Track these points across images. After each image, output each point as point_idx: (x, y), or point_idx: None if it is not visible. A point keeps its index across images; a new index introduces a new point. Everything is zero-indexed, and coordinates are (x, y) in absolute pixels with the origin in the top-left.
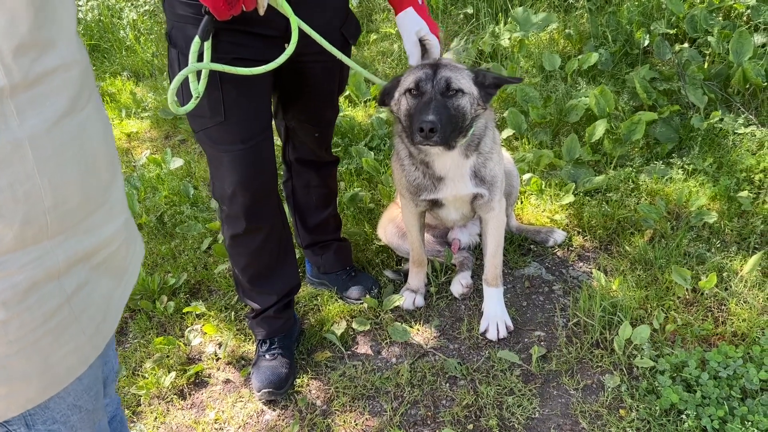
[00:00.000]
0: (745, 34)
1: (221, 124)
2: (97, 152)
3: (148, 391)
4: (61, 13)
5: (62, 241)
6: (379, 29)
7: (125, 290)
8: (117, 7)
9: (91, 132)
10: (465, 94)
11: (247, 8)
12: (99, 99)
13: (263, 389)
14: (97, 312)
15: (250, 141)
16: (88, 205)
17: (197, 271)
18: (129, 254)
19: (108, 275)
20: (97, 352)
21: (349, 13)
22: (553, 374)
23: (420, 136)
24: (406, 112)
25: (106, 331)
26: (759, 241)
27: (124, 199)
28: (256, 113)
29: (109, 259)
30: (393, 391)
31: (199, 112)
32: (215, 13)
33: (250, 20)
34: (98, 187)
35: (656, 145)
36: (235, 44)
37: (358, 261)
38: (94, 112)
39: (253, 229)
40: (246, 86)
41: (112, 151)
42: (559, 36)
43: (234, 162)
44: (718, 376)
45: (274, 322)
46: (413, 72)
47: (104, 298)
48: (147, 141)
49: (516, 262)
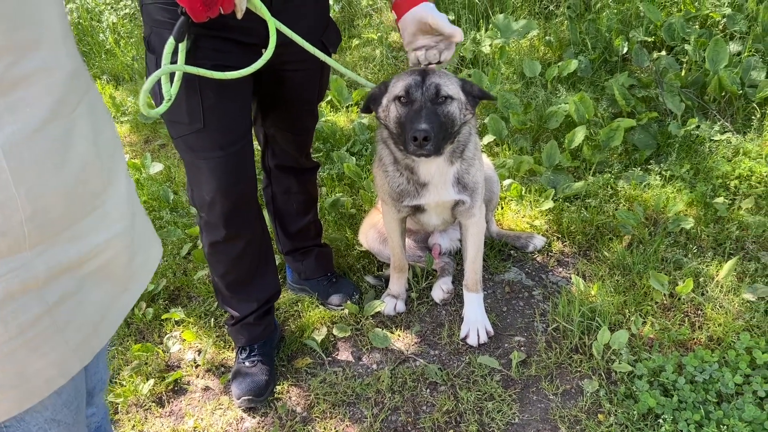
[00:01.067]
0: (721, 43)
1: (200, 131)
2: (86, 158)
3: (126, 399)
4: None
5: (43, 251)
6: (362, 34)
7: (130, 298)
8: (97, 10)
9: (79, 138)
10: (454, 100)
11: (224, 10)
12: (96, 101)
13: (243, 397)
14: (87, 322)
15: (229, 148)
16: (74, 213)
17: (176, 277)
18: (136, 261)
19: (106, 283)
20: (82, 364)
21: (330, 22)
22: (532, 379)
23: (414, 145)
24: (396, 119)
25: (96, 342)
26: (734, 247)
27: (128, 204)
28: (235, 120)
29: (106, 266)
30: (373, 397)
31: (177, 119)
32: (192, 14)
33: (231, 28)
34: (87, 195)
35: (634, 151)
36: (217, 51)
37: (339, 266)
38: (85, 116)
39: (232, 236)
40: (226, 93)
41: (107, 156)
42: (539, 43)
43: (213, 169)
44: (695, 380)
45: (254, 329)
46: (402, 78)
47: (99, 308)
48: (126, 145)
49: (496, 267)
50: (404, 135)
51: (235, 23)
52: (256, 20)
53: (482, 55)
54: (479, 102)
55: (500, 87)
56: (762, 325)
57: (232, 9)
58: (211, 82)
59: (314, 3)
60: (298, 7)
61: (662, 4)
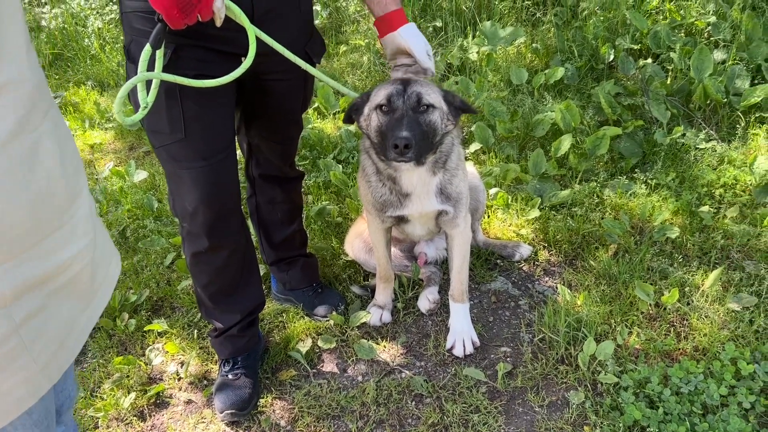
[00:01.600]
0: (705, 51)
1: (181, 140)
2: (52, 174)
3: (107, 413)
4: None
5: (9, 269)
6: (349, 41)
7: (94, 313)
8: (82, 15)
9: (45, 153)
10: (436, 109)
11: (202, 18)
12: (57, 117)
13: (226, 410)
14: (53, 340)
15: (211, 158)
16: (41, 229)
17: (160, 287)
18: (98, 276)
19: (71, 299)
20: (51, 382)
21: (314, 32)
22: (518, 391)
23: (395, 153)
24: (377, 128)
25: (63, 359)
26: (720, 256)
27: (92, 218)
28: (218, 130)
29: (71, 282)
30: (358, 410)
31: (157, 128)
32: (168, 20)
33: (213, 37)
34: (53, 211)
35: (620, 159)
36: (198, 61)
37: (325, 276)
38: (50, 131)
39: (215, 246)
40: (207, 102)
41: (72, 171)
42: (526, 50)
43: (195, 179)
44: (680, 392)
45: (238, 341)
46: (384, 87)
47: (64, 324)
48: (111, 152)
49: (483, 276)
50: (385, 143)
51: (217, 33)
52: (237, 29)
53: (469, 62)
54: (461, 113)
55: (487, 94)
56: (747, 335)
57: (210, 16)
58: (193, 92)
59: (298, 13)
60: (280, 18)
61: (648, 12)
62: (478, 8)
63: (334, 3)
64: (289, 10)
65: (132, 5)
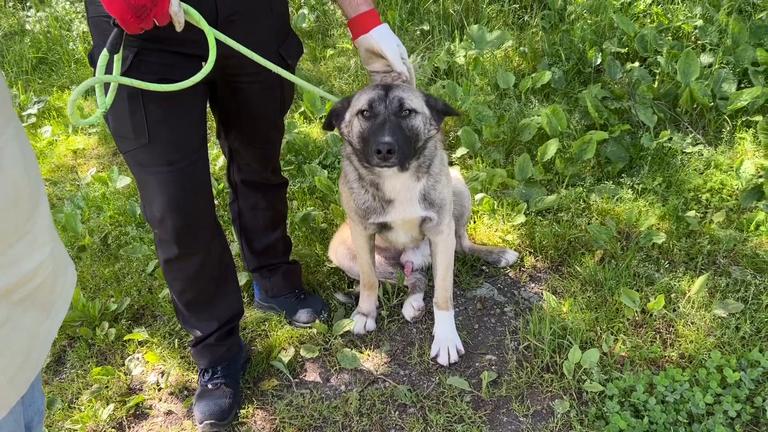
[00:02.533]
0: (692, 55)
1: (146, 146)
2: (17, 182)
3: (84, 425)
4: None
5: None
6: (336, 44)
7: (54, 323)
8: (66, 19)
9: (9, 161)
10: (418, 114)
11: (159, 23)
12: (18, 125)
13: (205, 421)
14: (19, 351)
15: (178, 163)
16: (6, 238)
17: (141, 296)
18: (58, 285)
19: (33, 309)
20: (18, 395)
21: (290, 34)
22: (503, 400)
23: (377, 158)
24: (359, 134)
25: (29, 371)
26: (706, 261)
27: (51, 227)
28: (184, 134)
29: (34, 292)
30: (341, 420)
31: (122, 133)
32: (123, 25)
33: (175, 40)
34: (18, 219)
35: (607, 164)
36: (162, 65)
37: (309, 283)
38: (12, 139)
39: (186, 254)
40: (172, 106)
41: (34, 179)
42: (513, 54)
43: (162, 185)
44: (666, 400)
45: (217, 350)
46: (365, 93)
47: (28, 335)
48: (94, 158)
49: (468, 283)
50: (368, 149)
51: (180, 35)
52: (200, 32)
53: (456, 66)
54: (444, 117)
55: (474, 98)
56: (733, 342)
57: (167, 21)
58: (156, 96)
59: (267, 16)
60: (249, 20)
61: (635, 16)
62: (466, 12)
63: (321, 6)
64: (259, 12)
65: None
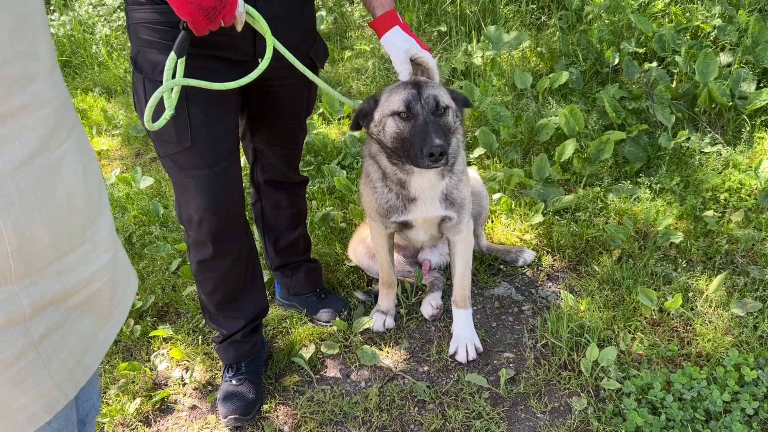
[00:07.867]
0: (711, 55)
1: (188, 149)
2: (74, 191)
3: (112, 419)
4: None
5: (29, 284)
6: (354, 46)
7: (112, 330)
8: (90, 23)
9: (67, 171)
10: (449, 109)
11: (225, 23)
12: (82, 135)
13: (229, 415)
14: (71, 356)
15: (216, 166)
16: (61, 246)
17: (165, 293)
18: (118, 292)
19: (90, 315)
20: (66, 399)
21: (317, 37)
22: (521, 397)
23: (429, 161)
24: (396, 135)
25: (80, 375)
26: (724, 261)
27: (113, 234)
28: (223, 137)
29: (90, 299)
30: (361, 415)
31: (165, 137)
32: (194, 27)
33: (217, 45)
34: (74, 228)
35: (625, 164)
36: (205, 69)
37: (328, 282)
38: (73, 149)
39: (220, 254)
40: (213, 110)
41: (94, 189)
42: (530, 54)
43: (201, 187)
44: (683, 398)
45: (242, 346)
46: (396, 92)
47: (83, 340)
48: (117, 159)
49: (486, 282)
50: (411, 150)
51: (219, 39)
52: (237, 35)
53: (474, 67)
54: (464, 110)
55: (491, 99)
56: (751, 341)
57: (232, 21)
58: (199, 99)
59: (301, 19)
60: (284, 23)
61: (653, 16)
62: (483, 13)
63: (339, 8)
64: (293, 16)
65: (139, 17)
